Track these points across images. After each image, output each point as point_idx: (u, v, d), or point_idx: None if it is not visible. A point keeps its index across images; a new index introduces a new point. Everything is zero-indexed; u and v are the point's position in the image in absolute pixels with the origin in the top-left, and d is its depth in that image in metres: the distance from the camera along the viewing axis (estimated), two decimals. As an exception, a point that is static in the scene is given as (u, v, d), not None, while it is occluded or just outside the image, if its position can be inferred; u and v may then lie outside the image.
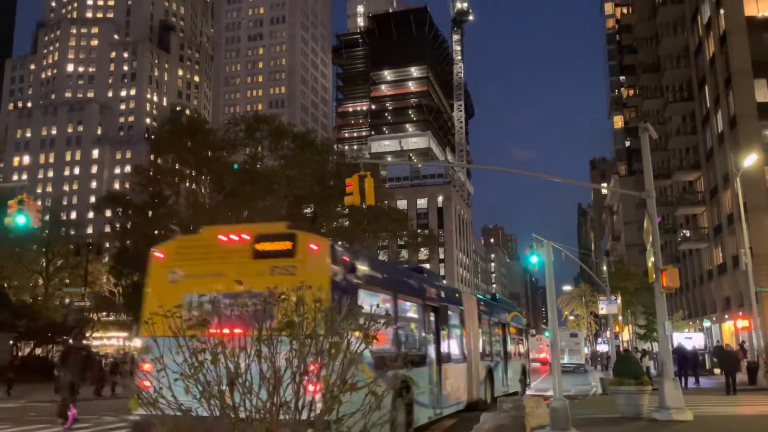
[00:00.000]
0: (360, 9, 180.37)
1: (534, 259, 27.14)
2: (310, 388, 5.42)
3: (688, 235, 55.92)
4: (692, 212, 55.95)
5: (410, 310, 13.49)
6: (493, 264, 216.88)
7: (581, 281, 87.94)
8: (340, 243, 12.52)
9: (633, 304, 54.59)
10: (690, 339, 41.21)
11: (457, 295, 17.87)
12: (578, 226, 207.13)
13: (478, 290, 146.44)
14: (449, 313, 15.35)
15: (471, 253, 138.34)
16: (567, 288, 79.52)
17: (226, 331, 5.31)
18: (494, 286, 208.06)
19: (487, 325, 20.03)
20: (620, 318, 47.37)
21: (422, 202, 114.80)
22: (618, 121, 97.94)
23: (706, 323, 52.72)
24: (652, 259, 17.02)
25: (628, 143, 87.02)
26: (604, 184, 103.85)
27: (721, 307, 49.56)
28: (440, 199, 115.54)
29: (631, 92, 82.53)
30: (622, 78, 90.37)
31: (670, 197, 60.19)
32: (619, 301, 40.49)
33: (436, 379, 14.10)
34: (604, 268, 53.75)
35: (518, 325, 26.23)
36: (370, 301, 10.48)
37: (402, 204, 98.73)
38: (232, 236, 10.20)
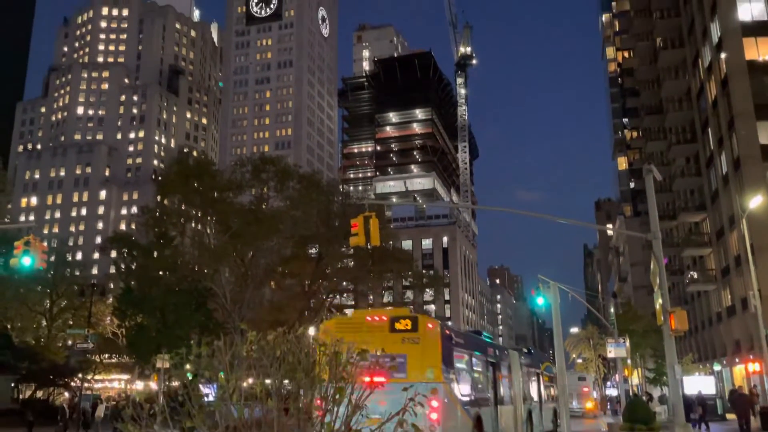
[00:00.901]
0: (366, 54, 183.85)
1: (540, 301, 26.94)
2: None
3: (695, 276, 55.46)
4: (699, 253, 55.61)
5: (478, 364, 18.07)
6: (499, 305, 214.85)
7: (589, 323, 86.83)
8: (443, 322, 17.21)
9: (642, 347, 53.73)
10: (699, 383, 40.39)
11: (505, 351, 22.46)
12: (584, 266, 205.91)
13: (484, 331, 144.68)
14: (501, 365, 19.85)
15: (477, 294, 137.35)
16: (574, 330, 78.50)
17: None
18: (500, 327, 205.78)
19: (526, 375, 23.72)
20: (629, 361, 46.61)
21: (427, 243, 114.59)
22: (622, 163, 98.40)
23: (717, 367, 51.80)
24: (660, 301, 16.85)
25: (632, 184, 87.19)
26: (610, 226, 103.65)
27: (731, 350, 48.78)
28: (445, 239, 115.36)
29: (635, 134, 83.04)
30: (625, 120, 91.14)
31: (676, 238, 59.92)
32: (627, 343, 39.90)
33: (495, 416, 18.08)
34: (612, 309, 53.21)
35: (550, 374, 28.92)
36: (458, 357, 15.84)
37: (407, 244, 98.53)
38: (375, 318, 15.48)
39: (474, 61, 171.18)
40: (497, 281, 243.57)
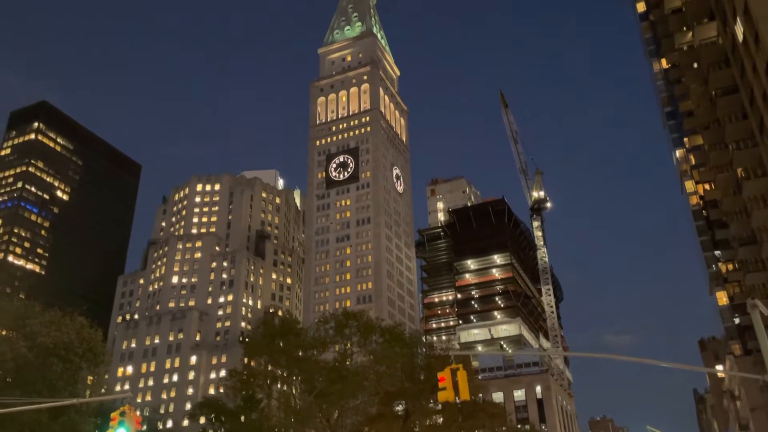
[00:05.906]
0: (440, 205, 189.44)
1: (654, 456, 24.50)
2: None
3: (830, 420, 49.10)
4: (829, 393, 49.66)
5: None
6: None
7: (713, 480, 77.03)
8: None
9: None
10: None
11: None
12: (697, 413, 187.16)
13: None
14: None
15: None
16: (697, 489, 69.76)
17: None
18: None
19: None
20: None
21: (519, 394, 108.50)
22: (722, 298, 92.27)
23: None
24: (793, 452, 14.92)
25: (737, 320, 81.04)
26: (720, 367, 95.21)
27: None
28: (539, 389, 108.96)
29: (731, 266, 78.72)
30: (717, 253, 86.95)
31: (798, 377, 54.03)
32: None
33: None
34: (737, 463, 47.27)
35: None
36: None
37: (498, 396, 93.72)
38: None
39: (548, 204, 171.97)
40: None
